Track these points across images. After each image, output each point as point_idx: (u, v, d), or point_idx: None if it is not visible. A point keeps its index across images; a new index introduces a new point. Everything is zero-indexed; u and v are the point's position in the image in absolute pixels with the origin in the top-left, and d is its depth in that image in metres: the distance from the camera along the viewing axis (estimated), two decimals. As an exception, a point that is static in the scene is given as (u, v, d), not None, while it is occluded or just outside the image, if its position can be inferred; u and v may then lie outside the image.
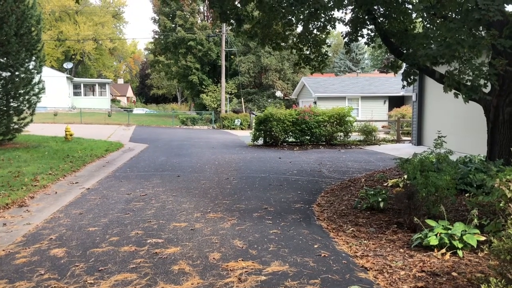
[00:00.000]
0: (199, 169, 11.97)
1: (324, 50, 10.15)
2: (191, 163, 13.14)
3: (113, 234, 5.95)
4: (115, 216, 6.91)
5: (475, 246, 4.88)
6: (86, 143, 17.57)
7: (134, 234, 5.92)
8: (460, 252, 4.87)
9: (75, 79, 48.51)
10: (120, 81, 79.44)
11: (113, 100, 58.89)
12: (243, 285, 4.23)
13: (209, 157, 14.67)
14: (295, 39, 10.21)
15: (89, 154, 14.18)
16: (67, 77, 44.38)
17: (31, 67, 15.32)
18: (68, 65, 50.55)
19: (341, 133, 19.66)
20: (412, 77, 8.51)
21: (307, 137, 19.27)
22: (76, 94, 47.12)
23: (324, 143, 19.48)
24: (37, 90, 15.70)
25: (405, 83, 8.57)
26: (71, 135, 18.24)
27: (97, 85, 49.08)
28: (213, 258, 4.98)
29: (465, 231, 5.06)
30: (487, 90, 7.58)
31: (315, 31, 9.68)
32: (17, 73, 14.74)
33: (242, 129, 31.86)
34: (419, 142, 17.74)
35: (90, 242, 5.61)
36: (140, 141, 20.47)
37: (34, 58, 15.40)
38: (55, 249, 5.34)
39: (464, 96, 6.86)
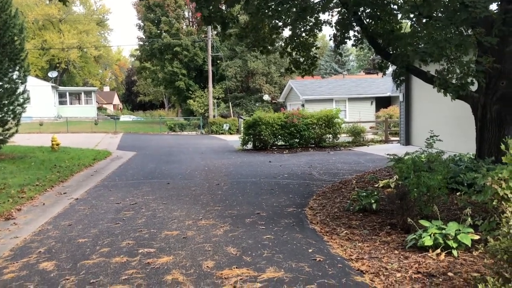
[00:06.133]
0: (189, 176, 11.86)
1: (313, 53, 10.16)
2: (181, 170, 13.02)
3: (103, 245, 5.83)
4: (105, 226, 6.78)
5: (470, 245, 4.88)
6: (73, 152, 17.30)
7: (125, 244, 5.81)
8: (455, 252, 4.85)
9: (60, 88, 47.97)
10: (106, 88, 78.82)
11: (99, 108, 58.39)
12: (239, 293, 4.16)
13: (198, 163, 14.57)
14: (283, 43, 10.21)
15: (77, 164, 13.98)
16: (52, 86, 43.86)
17: (15, 77, 15.04)
18: (53, 74, 49.91)
19: (330, 135, 19.71)
20: (401, 78, 8.55)
21: (296, 140, 19.27)
22: (61, 103, 46.59)
23: (313, 145, 19.49)
24: (21, 100, 15.42)
25: (395, 84, 8.61)
26: (57, 144, 17.94)
27: (82, 93, 48.58)
28: (207, 266, 4.90)
29: (459, 230, 5.05)
30: (474, 88, 7.63)
31: (303, 34, 9.69)
32: (0, 83, 14.48)
33: (230, 133, 31.75)
34: (407, 142, 17.84)
35: (80, 254, 5.49)
36: (128, 148, 20.25)
37: (18, 67, 15.12)
38: (44, 262, 5.21)
39: (451, 93, 6.89)
